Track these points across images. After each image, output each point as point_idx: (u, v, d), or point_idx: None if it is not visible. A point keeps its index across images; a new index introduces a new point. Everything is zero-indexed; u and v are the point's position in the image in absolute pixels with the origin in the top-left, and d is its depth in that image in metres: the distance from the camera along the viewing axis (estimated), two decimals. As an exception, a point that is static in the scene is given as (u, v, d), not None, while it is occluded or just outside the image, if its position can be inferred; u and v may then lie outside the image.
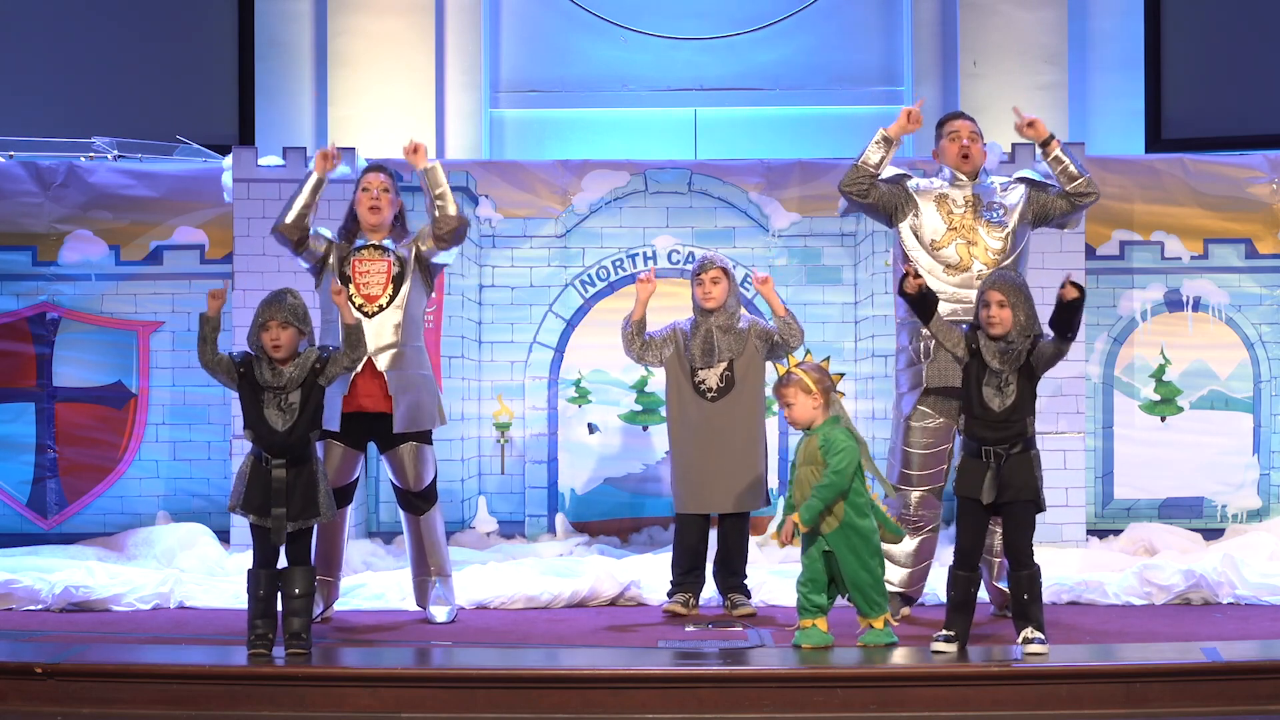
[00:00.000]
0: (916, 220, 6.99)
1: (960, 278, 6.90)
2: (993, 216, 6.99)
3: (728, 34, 10.79)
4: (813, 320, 8.95)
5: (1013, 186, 7.10)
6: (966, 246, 6.94)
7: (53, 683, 5.89)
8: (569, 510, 9.00)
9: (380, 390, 6.87)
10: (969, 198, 7.01)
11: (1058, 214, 7.05)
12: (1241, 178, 9.08)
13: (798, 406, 6.39)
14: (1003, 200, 7.03)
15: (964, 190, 7.03)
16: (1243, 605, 7.28)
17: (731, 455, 7.22)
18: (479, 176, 9.05)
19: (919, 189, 7.05)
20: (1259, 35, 10.68)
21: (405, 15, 10.46)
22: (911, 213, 7.01)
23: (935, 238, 6.96)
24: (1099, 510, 8.97)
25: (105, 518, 8.94)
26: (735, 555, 7.29)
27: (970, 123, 7.11)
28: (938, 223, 6.98)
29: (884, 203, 7.02)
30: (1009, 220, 6.99)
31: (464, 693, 5.84)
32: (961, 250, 6.94)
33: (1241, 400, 9.05)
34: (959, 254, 6.93)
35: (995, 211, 7.00)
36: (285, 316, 6.24)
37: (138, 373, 9.03)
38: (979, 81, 10.38)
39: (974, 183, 7.05)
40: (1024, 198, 7.03)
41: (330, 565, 7.00)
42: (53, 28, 10.80)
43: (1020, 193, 7.06)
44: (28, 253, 9.03)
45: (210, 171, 9.01)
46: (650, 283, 7.28)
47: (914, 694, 5.84)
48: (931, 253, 6.92)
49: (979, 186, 7.05)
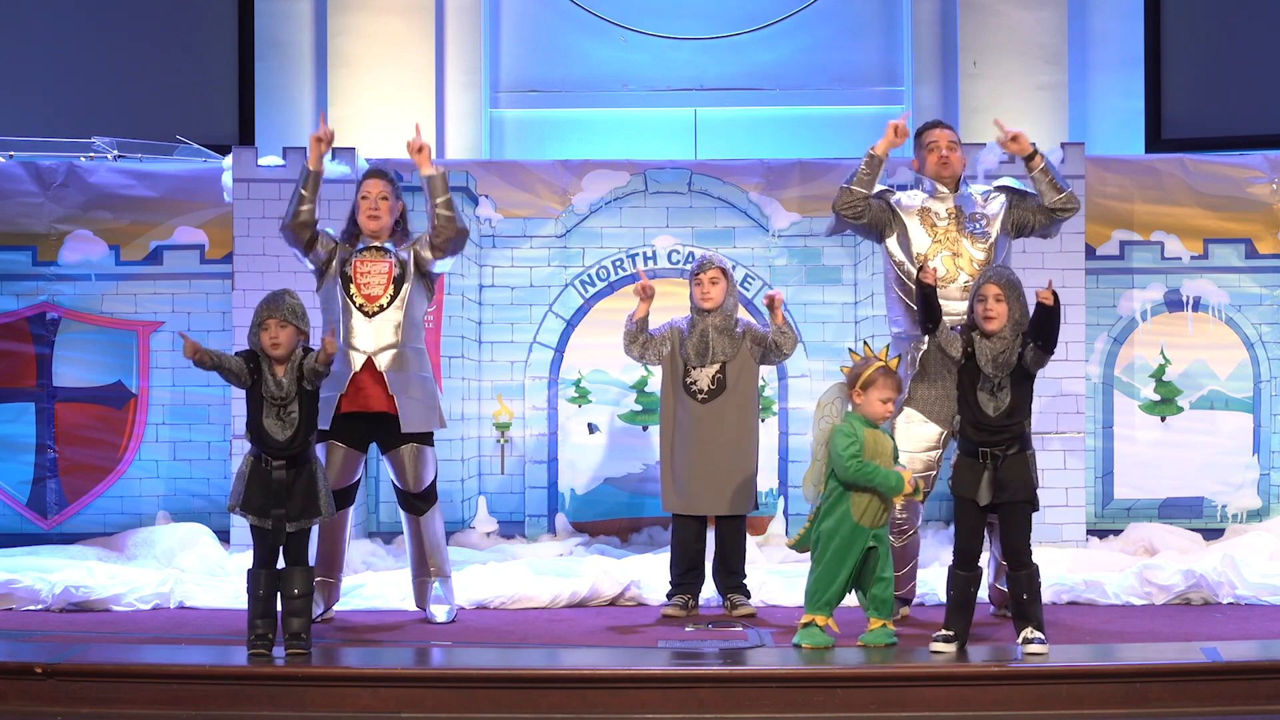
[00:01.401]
0: (903, 235, 7.01)
1: (946, 289, 6.90)
2: (975, 228, 7.02)
3: (728, 34, 10.79)
4: (813, 320, 8.97)
5: (993, 196, 7.12)
6: (952, 259, 6.96)
7: (53, 683, 5.89)
8: (569, 510, 9.00)
9: (381, 390, 6.87)
10: (951, 210, 7.04)
11: (1037, 227, 7.07)
12: (1241, 178, 9.08)
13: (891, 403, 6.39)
14: (984, 211, 7.06)
15: (946, 203, 7.06)
16: (1243, 605, 7.27)
17: (719, 457, 7.21)
18: (479, 176, 9.05)
19: (901, 204, 7.08)
20: (1259, 35, 10.68)
21: (405, 15, 10.46)
22: (898, 229, 7.03)
23: (920, 251, 6.98)
24: (1099, 510, 8.97)
25: (105, 518, 8.94)
26: (733, 556, 7.29)
27: (948, 131, 7.15)
28: (922, 236, 7.01)
29: (875, 221, 7.05)
30: (991, 230, 7.02)
31: (464, 693, 5.84)
32: (947, 262, 6.95)
33: (1241, 400, 9.05)
34: (945, 266, 6.95)
35: (978, 223, 7.03)
36: (284, 316, 6.25)
37: (138, 373, 9.03)
38: (979, 81, 10.38)
39: (955, 194, 7.08)
40: (1004, 207, 7.07)
41: (331, 566, 7.00)
42: (53, 28, 10.80)
43: (1000, 202, 7.08)
44: (28, 253, 9.03)
45: (210, 171, 9.01)
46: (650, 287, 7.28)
47: (914, 694, 5.84)
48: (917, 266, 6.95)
49: (960, 198, 7.08)
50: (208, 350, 6.22)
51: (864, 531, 6.32)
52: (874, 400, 6.35)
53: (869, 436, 6.33)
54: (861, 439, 6.30)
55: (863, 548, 6.33)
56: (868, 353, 6.44)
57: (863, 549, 6.33)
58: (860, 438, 6.30)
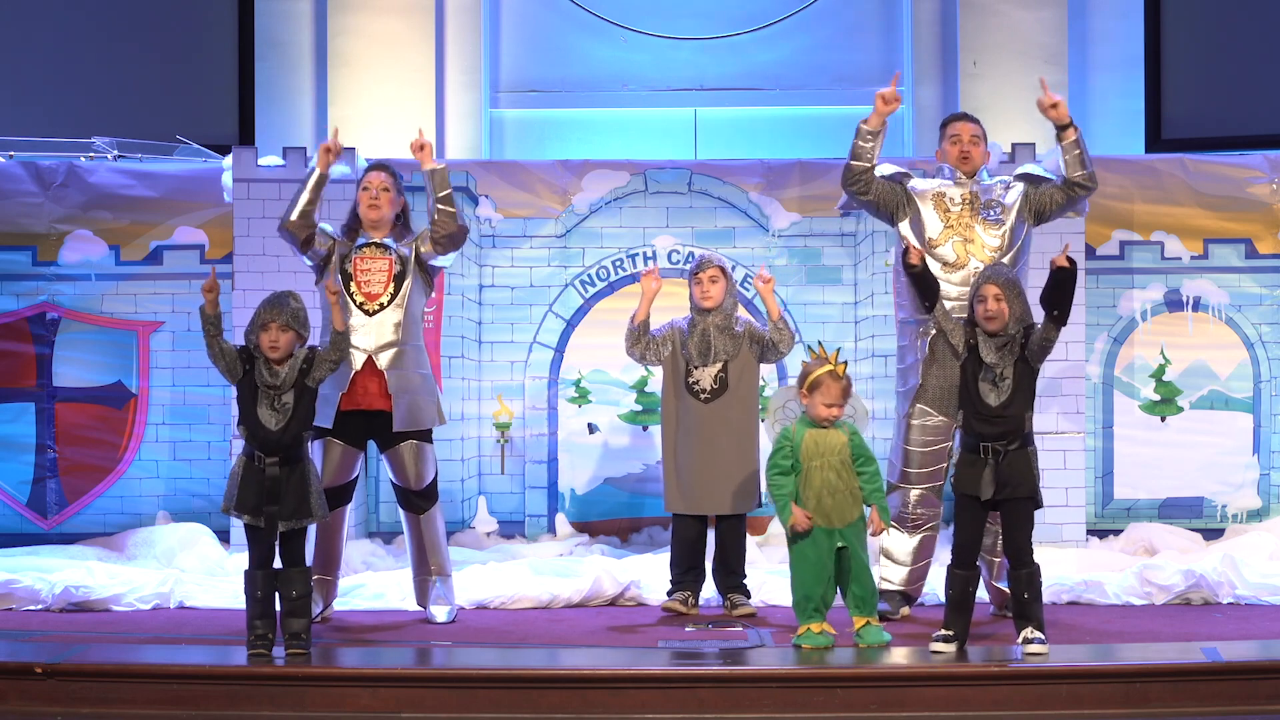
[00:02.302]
0: (916, 219, 7.00)
1: (958, 275, 6.90)
2: (990, 215, 6.99)
3: (728, 34, 10.79)
4: (813, 320, 8.97)
5: (1013, 185, 7.10)
6: (963, 244, 6.94)
7: (53, 683, 5.90)
8: (569, 510, 9.00)
9: (380, 388, 6.87)
10: (966, 195, 7.01)
11: (1055, 207, 7.03)
12: (1241, 178, 9.07)
13: (846, 403, 6.40)
14: (1001, 199, 7.03)
15: (962, 189, 7.04)
16: (1243, 605, 7.27)
17: (724, 457, 7.22)
18: (479, 176, 9.05)
19: (916, 190, 7.07)
20: (1259, 35, 10.68)
21: (405, 15, 10.47)
22: (911, 213, 7.02)
23: (932, 235, 6.97)
24: (1099, 510, 8.97)
25: (105, 518, 8.94)
26: (733, 556, 7.29)
27: (973, 125, 7.11)
28: (935, 221, 6.99)
29: (884, 200, 7.04)
30: (1006, 218, 6.99)
31: (464, 693, 5.84)
32: (959, 248, 6.94)
33: (1241, 400, 9.05)
34: (956, 251, 6.94)
35: (993, 210, 7.00)
36: (286, 320, 6.25)
37: (138, 373, 9.03)
38: (979, 81, 10.39)
39: (972, 181, 7.06)
40: (1021, 195, 7.04)
41: (329, 565, 7.00)
42: (53, 28, 10.80)
43: (1019, 190, 7.06)
44: (28, 253, 9.03)
45: (210, 171, 9.01)
46: (656, 281, 7.29)
47: (914, 694, 5.84)
48: (929, 250, 6.92)
49: (977, 184, 7.06)
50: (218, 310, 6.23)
51: (829, 534, 6.32)
52: (818, 403, 6.36)
53: (811, 437, 6.35)
54: (798, 444, 6.33)
55: (832, 548, 6.33)
56: (821, 354, 6.44)
57: (834, 551, 6.33)
58: (796, 443, 6.33)
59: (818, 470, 6.33)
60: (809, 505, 6.30)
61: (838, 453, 6.33)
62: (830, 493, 6.31)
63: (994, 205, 7.01)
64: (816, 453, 6.33)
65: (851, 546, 6.34)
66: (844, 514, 6.33)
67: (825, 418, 6.36)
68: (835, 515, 6.32)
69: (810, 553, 6.33)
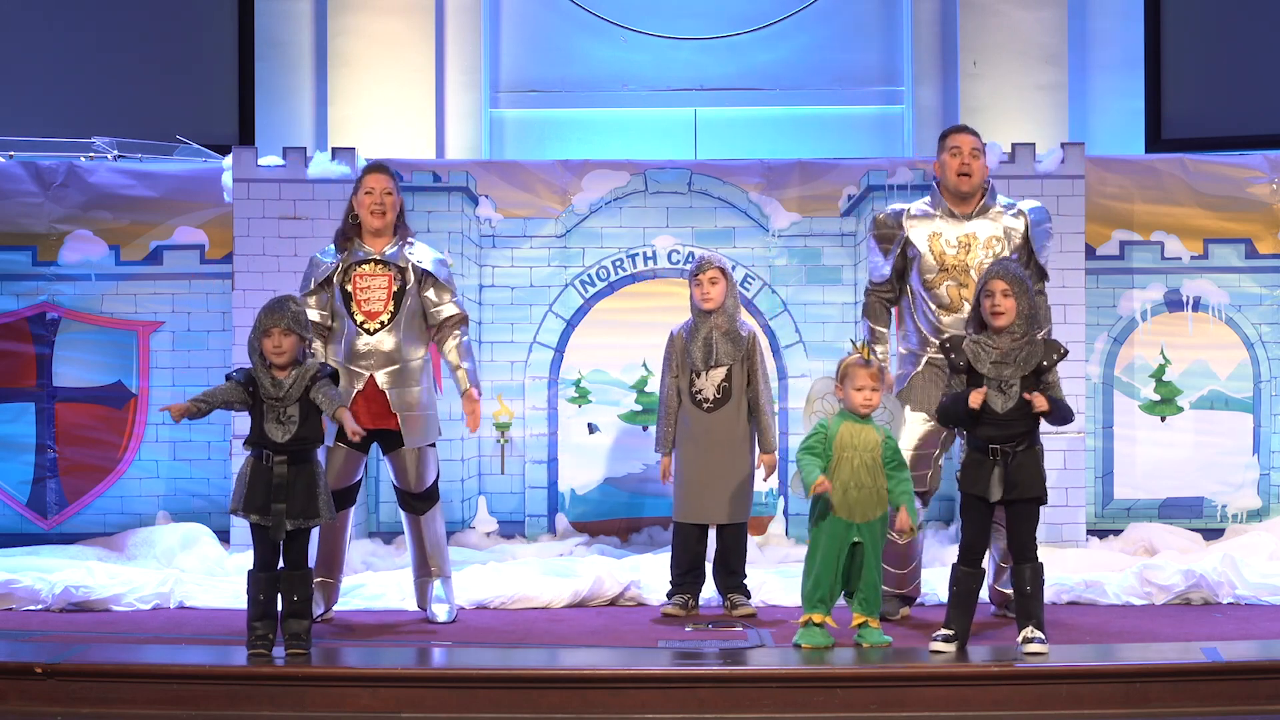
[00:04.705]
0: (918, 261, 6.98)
1: (951, 319, 6.89)
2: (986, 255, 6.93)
3: (728, 34, 10.79)
4: (813, 320, 8.97)
5: (1012, 230, 6.98)
6: (958, 289, 6.93)
7: (53, 683, 5.90)
8: (569, 510, 9.00)
9: (383, 408, 6.90)
10: (962, 239, 6.98)
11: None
12: (1241, 178, 9.07)
13: (878, 395, 6.40)
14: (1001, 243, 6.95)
15: (959, 228, 6.98)
16: (1243, 605, 7.27)
17: (729, 466, 7.22)
18: (479, 176, 9.05)
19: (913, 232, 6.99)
20: (1259, 35, 10.68)
21: (405, 15, 10.47)
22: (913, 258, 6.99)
23: (929, 276, 6.96)
24: (1099, 510, 8.97)
25: (105, 518, 8.94)
26: (734, 556, 7.28)
27: (973, 138, 7.01)
28: (931, 262, 6.97)
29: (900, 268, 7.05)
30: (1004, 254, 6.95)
31: (464, 693, 5.84)
32: (953, 292, 6.93)
33: (1241, 400, 9.05)
34: (949, 295, 6.93)
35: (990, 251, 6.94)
36: (288, 324, 6.26)
37: (138, 373, 9.03)
38: (979, 81, 10.38)
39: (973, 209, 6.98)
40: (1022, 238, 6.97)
41: (332, 567, 7.01)
42: (53, 28, 10.80)
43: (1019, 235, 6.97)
44: (28, 253, 9.03)
45: (210, 171, 9.01)
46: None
47: (914, 694, 5.84)
48: (925, 289, 6.94)
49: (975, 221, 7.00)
50: (196, 400, 6.23)
51: (848, 526, 6.31)
52: (850, 391, 6.37)
53: (847, 429, 6.34)
54: (833, 434, 6.33)
55: (849, 543, 6.33)
56: (855, 348, 6.46)
57: (849, 544, 6.33)
58: (832, 434, 6.33)
59: (848, 461, 6.32)
60: (835, 495, 6.30)
61: (870, 450, 6.34)
62: (857, 486, 6.31)
63: (993, 244, 6.95)
64: (850, 444, 6.33)
65: (866, 545, 6.34)
66: (866, 510, 6.33)
67: (861, 404, 6.36)
68: (858, 510, 6.32)
69: (826, 540, 6.33)
